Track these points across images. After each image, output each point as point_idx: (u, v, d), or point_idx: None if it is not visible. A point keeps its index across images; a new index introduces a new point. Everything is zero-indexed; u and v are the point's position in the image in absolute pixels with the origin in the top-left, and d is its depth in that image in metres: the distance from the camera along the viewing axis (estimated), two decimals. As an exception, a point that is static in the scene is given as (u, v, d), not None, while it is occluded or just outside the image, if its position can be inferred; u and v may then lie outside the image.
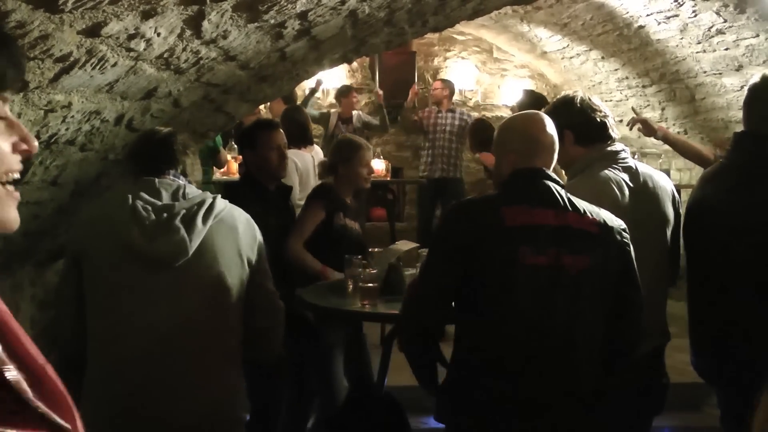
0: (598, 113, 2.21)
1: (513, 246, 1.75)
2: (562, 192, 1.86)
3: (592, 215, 1.84)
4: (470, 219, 1.82)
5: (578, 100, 2.20)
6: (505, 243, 1.76)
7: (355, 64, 7.53)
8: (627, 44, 5.47)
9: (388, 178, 5.99)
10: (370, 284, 2.51)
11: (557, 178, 1.90)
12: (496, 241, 1.77)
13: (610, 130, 2.23)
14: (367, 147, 3.19)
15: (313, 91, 6.39)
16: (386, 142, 8.00)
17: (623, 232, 1.86)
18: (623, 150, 2.25)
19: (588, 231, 1.81)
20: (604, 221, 1.84)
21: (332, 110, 6.63)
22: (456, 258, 1.79)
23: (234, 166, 5.42)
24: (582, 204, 1.86)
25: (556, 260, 1.75)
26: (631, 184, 2.18)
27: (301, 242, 2.91)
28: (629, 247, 1.86)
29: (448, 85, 6.88)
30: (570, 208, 1.82)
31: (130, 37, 1.37)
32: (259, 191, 2.91)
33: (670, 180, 2.38)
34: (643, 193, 2.20)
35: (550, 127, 1.91)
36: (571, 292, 1.76)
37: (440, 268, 1.84)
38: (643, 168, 2.27)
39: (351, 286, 2.67)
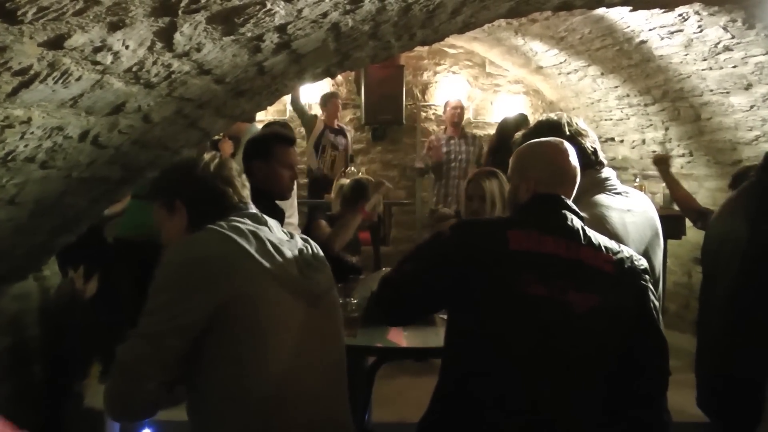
0: (587, 138, 2.26)
1: (514, 271, 1.74)
2: (580, 225, 1.86)
3: (609, 253, 1.82)
4: (472, 236, 1.81)
5: (565, 126, 2.25)
6: (506, 267, 1.75)
7: (339, 77, 7.71)
8: (627, 60, 5.51)
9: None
10: (351, 314, 2.50)
11: (578, 210, 1.89)
12: (496, 263, 1.76)
13: (600, 156, 2.28)
14: (368, 184, 3.44)
15: (296, 95, 6.62)
16: (372, 161, 8.07)
17: (643, 274, 1.85)
18: (611, 176, 2.30)
19: (601, 270, 1.78)
20: (623, 260, 1.82)
21: (317, 116, 6.87)
22: (446, 270, 1.78)
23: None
24: (601, 240, 1.85)
25: (562, 294, 1.73)
26: (626, 210, 2.22)
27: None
28: (650, 291, 1.84)
29: (462, 105, 6.99)
30: (585, 243, 1.81)
31: (96, 50, 1.37)
32: (268, 204, 2.88)
33: (652, 204, 2.41)
34: (637, 219, 2.23)
35: (574, 157, 1.94)
36: (576, 331, 1.73)
37: (424, 266, 1.83)
38: (633, 192, 2.30)
39: None
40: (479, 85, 8.17)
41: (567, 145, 1.94)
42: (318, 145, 6.64)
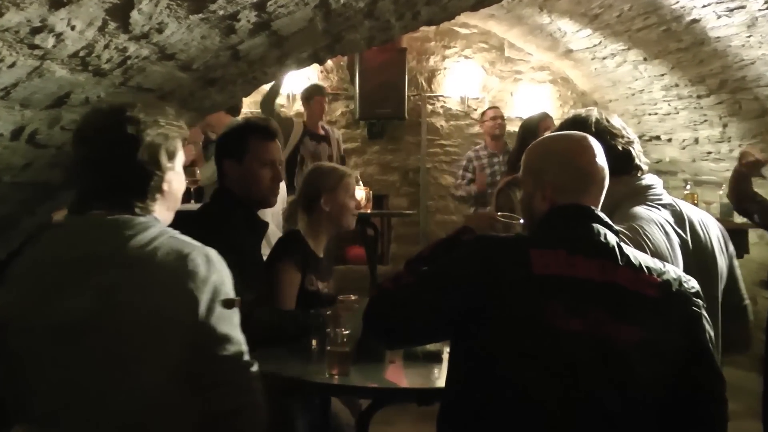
0: (620, 139, 2.25)
1: (540, 300, 1.74)
2: (615, 240, 1.86)
3: (652, 273, 1.82)
4: (490, 254, 1.82)
5: (593, 122, 2.24)
6: (530, 295, 1.75)
7: (330, 63, 7.70)
8: (676, 42, 5.49)
9: (369, 210, 6.02)
10: (341, 348, 2.49)
11: (610, 222, 1.89)
12: (517, 290, 1.76)
13: (637, 159, 2.27)
14: (350, 174, 3.33)
15: (276, 89, 6.40)
16: (367, 163, 8.12)
17: (695, 299, 1.84)
18: (655, 184, 2.28)
19: (644, 294, 1.78)
20: (669, 282, 1.82)
21: (295, 119, 6.73)
22: (456, 291, 1.78)
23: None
24: (641, 258, 1.85)
25: (597, 327, 1.72)
26: (677, 227, 2.20)
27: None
28: (704, 320, 1.83)
29: (501, 112, 6.99)
30: (622, 262, 1.81)
31: (35, 31, 1.36)
32: (247, 214, 2.91)
33: (716, 222, 2.41)
34: (693, 238, 2.22)
35: (601, 156, 1.93)
36: (616, 372, 1.72)
37: (431, 282, 1.84)
38: (686, 206, 2.29)
39: (317, 350, 2.68)
40: (496, 72, 8.23)
41: (591, 140, 1.94)
42: (294, 158, 6.32)
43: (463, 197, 6.65)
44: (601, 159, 1.92)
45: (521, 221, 2.23)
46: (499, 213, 2.34)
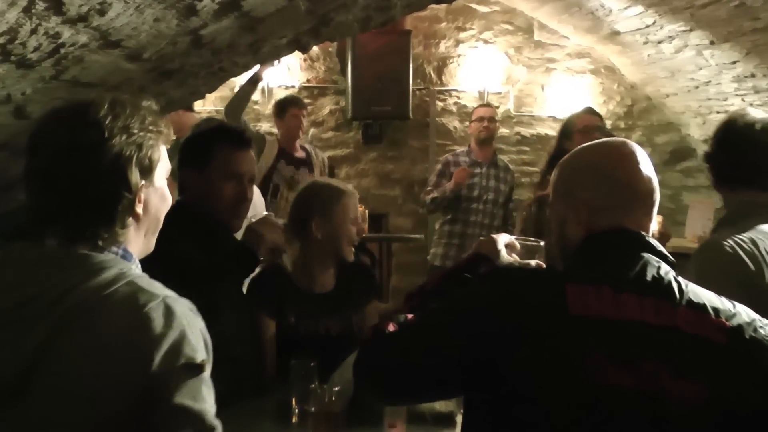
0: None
1: (577, 348, 1.74)
2: (672, 274, 1.87)
3: (720, 315, 1.82)
4: (512, 293, 1.82)
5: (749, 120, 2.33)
6: (565, 341, 1.75)
7: (315, 50, 7.71)
8: (752, 21, 5.44)
9: (365, 233, 5.98)
10: (329, 409, 2.50)
11: (664, 251, 1.90)
12: (549, 335, 1.76)
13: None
14: (350, 193, 3.41)
15: (247, 91, 6.39)
16: (362, 174, 8.17)
17: None
18: None
19: (709, 340, 1.78)
20: (742, 327, 1.81)
21: (268, 136, 6.72)
22: (469, 341, 1.78)
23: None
24: (706, 296, 1.85)
25: (651, 383, 1.72)
26: None
27: None
28: None
29: (495, 112, 6.90)
30: (683, 302, 1.81)
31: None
32: (200, 239, 2.93)
33: None
34: None
35: (646, 164, 1.95)
36: None
37: (441, 325, 1.85)
38: None
39: (298, 411, 2.68)
40: (524, 60, 8.25)
41: (633, 145, 1.96)
42: (267, 184, 6.30)
43: (435, 200, 6.55)
44: (647, 168, 1.93)
45: (542, 243, 2.28)
46: (515, 237, 2.37)
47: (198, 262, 2.80)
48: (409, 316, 1.96)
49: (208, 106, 7.49)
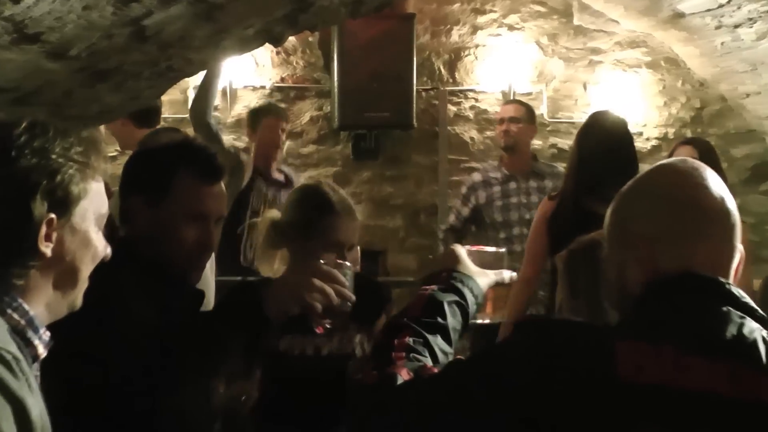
0: None
1: (627, 421, 1.79)
2: (760, 332, 1.87)
3: None
4: (555, 348, 1.88)
5: None
6: (613, 414, 1.80)
7: (292, 40, 7.80)
8: None
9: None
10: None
11: (751, 303, 1.92)
12: (595, 406, 1.80)
13: None
14: (346, 210, 3.50)
15: (212, 81, 6.39)
16: (352, 199, 7.90)
17: None
18: None
19: None
20: None
21: (244, 155, 6.86)
22: (500, 407, 1.85)
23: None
24: None
25: None
26: None
27: None
28: None
29: (530, 108, 7.01)
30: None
31: None
32: (147, 289, 2.90)
33: None
34: None
35: (718, 185, 2.00)
36: None
37: (460, 402, 1.92)
38: None
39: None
40: (560, 51, 8.32)
41: (698, 164, 2.04)
42: (242, 208, 6.48)
43: (453, 228, 6.86)
44: (716, 186, 2.00)
45: (504, 250, 2.57)
46: (473, 247, 2.55)
47: (147, 318, 2.79)
48: (430, 365, 2.08)
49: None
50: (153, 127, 5.62)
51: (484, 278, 2.45)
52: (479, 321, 2.51)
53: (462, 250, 2.48)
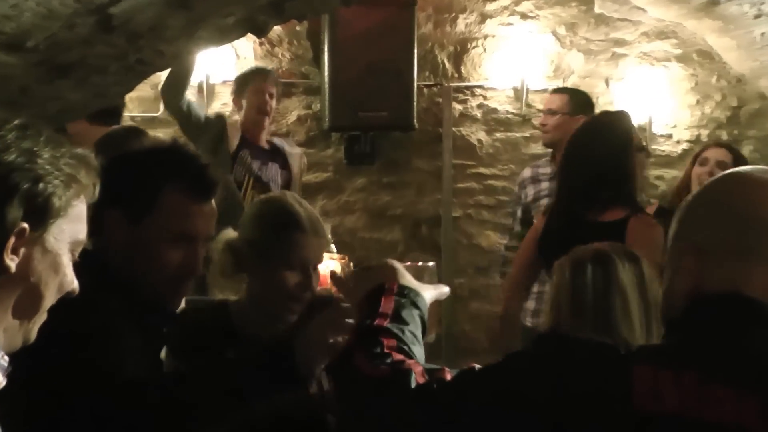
0: None
1: None
2: None
3: None
4: (567, 373, 1.92)
5: None
6: None
7: (278, 30, 7.77)
8: None
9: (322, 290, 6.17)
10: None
11: None
12: None
13: None
14: (311, 224, 3.47)
15: (188, 66, 6.64)
16: (345, 209, 8.23)
17: None
18: None
19: None
20: None
21: (231, 121, 7.09)
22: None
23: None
24: None
25: None
26: None
27: None
28: None
29: (577, 98, 7.07)
30: None
31: None
32: (128, 316, 2.89)
33: None
34: None
35: None
36: None
37: (462, 423, 1.98)
38: None
39: None
40: (580, 42, 8.35)
41: (762, 173, 2.07)
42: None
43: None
44: None
45: (433, 264, 2.74)
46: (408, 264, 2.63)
47: (131, 352, 2.81)
48: (448, 375, 2.13)
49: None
50: (111, 126, 5.61)
51: (427, 293, 2.51)
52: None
53: (398, 264, 2.54)
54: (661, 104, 7.82)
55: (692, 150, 7.84)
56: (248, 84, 6.97)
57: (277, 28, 7.30)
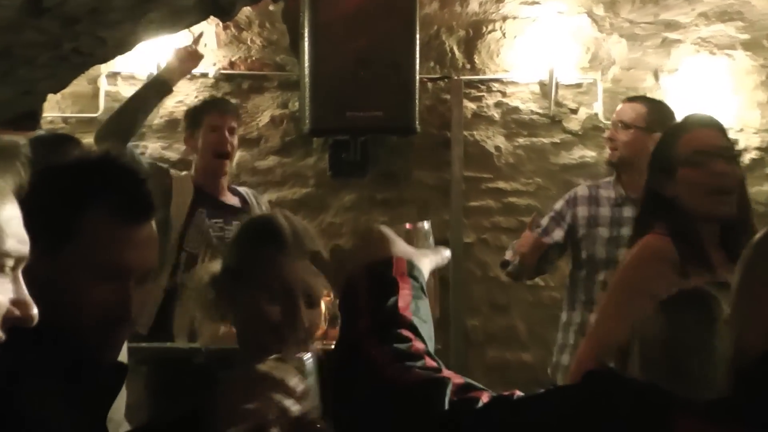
0: None
1: None
2: None
3: None
4: (608, 416, 2.00)
5: None
6: None
7: (246, 11, 7.89)
8: None
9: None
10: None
11: None
12: None
13: None
14: (295, 240, 3.55)
15: (146, 101, 6.82)
16: (331, 231, 8.21)
17: None
18: None
19: None
20: None
21: (176, 175, 7.02)
22: None
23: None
24: None
25: None
26: None
27: None
28: None
29: (657, 110, 6.94)
30: None
31: None
32: (56, 365, 2.89)
33: None
34: None
35: None
36: None
37: None
38: None
39: None
40: (621, 26, 8.28)
41: None
42: (178, 249, 6.78)
43: (509, 266, 6.96)
44: None
45: (426, 224, 2.77)
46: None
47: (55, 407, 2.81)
48: (485, 397, 2.14)
49: (52, 112, 7.52)
50: (29, 131, 5.38)
51: (425, 262, 2.54)
52: None
53: (388, 230, 2.56)
54: (723, 102, 7.72)
55: (763, 160, 7.96)
56: (203, 119, 6.90)
57: (246, 9, 7.23)
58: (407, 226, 2.71)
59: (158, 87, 6.74)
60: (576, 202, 6.87)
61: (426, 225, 2.74)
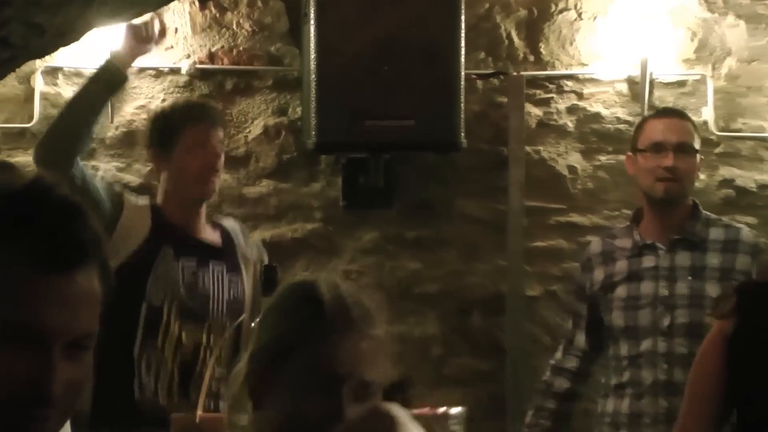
0: None
1: None
2: None
3: None
4: None
5: None
6: None
7: None
8: None
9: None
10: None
11: None
12: None
13: None
14: (341, 313, 3.50)
15: (97, 97, 6.75)
16: (346, 276, 7.67)
17: None
18: None
19: None
20: None
21: (132, 196, 6.99)
22: None
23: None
24: None
25: None
26: None
27: None
28: None
29: (685, 129, 6.99)
30: None
31: None
32: None
33: None
34: None
35: None
36: None
37: None
38: None
39: None
40: (738, 5, 8.28)
41: None
42: (128, 303, 6.59)
43: (566, 362, 7.09)
44: None
45: (458, 412, 3.16)
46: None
47: None
48: None
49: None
50: None
51: None
52: None
53: (400, 412, 2.71)
54: None
55: None
56: (182, 130, 6.65)
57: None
58: (433, 410, 2.81)
59: (108, 77, 6.49)
60: (590, 264, 6.96)
61: (457, 413, 2.84)
